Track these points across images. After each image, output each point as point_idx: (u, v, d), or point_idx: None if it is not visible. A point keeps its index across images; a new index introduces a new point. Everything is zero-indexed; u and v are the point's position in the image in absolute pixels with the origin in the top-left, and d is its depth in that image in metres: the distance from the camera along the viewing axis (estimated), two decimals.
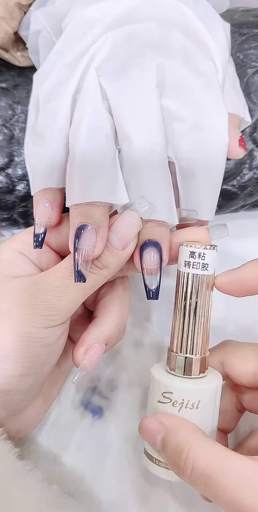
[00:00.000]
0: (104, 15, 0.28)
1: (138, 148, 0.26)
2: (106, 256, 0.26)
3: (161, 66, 0.27)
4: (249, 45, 0.37)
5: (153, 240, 0.26)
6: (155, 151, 0.26)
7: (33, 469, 0.25)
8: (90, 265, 0.25)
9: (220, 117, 0.28)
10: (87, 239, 0.24)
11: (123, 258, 0.26)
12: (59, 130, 0.27)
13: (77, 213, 0.25)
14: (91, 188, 0.25)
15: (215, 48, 0.29)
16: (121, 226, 0.26)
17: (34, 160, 0.29)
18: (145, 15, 0.28)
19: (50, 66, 0.29)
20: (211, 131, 0.28)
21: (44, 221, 0.27)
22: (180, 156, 0.28)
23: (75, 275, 0.24)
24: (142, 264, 0.26)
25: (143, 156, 0.26)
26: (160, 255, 0.26)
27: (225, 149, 0.28)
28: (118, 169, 0.26)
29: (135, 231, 0.26)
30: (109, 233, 0.26)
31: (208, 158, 0.28)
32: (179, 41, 0.28)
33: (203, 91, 0.28)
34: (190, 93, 0.28)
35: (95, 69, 0.27)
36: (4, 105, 0.35)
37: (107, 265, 0.26)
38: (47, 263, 0.29)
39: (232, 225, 0.28)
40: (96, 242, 0.25)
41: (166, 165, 0.27)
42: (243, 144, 0.29)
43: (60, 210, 0.28)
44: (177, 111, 0.27)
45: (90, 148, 0.26)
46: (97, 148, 0.26)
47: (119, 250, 0.26)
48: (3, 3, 0.31)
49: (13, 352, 0.25)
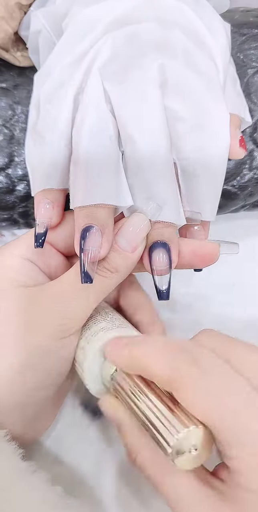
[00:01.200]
0: (105, 15, 0.28)
1: (142, 149, 0.26)
2: (116, 259, 0.26)
3: (163, 66, 0.27)
4: (249, 46, 0.37)
5: (162, 241, 0.26)
6: (159, 151, 0.26)
7: (37, 470, 0.25)
8: (103, 270, 0.26)
9: (222, 117, 0.28)
10: (93, 240, 0.24)
11: (133, 260, 0.26)
12: (60, 131, 0.27)
13: (82, 215, 0.25)
14: (96, 190, 0.25)
15: (216, 49, 0.29)
16: (129, 229, 0.26)
17: (35, 160, 0.29)
18: (145, 15, 0.28)
19: (51, 66, 0.29)
20: (213, 132, 0.28)
21: (45, 221, 0.27)
22: (181, 156, 0.28)
23: (82, 276, 0.24)
24: (151, 265, 0.26)
25: (147, 157, 0.26)
26: (169, 255, 0.26)
27: (227, 149, 0.28)
28: (122, 171, 0.26)
29: (144, 233, 0.26)
30: (118, 237, 0.26)
31: (209, 159, 0.28)
32: (180, 42, 0.28)
33: (204, 91, 0.28)
34: (192, 94, 0.28)
35: (98, 69, 0.27)
36: (4, 105, 0.35)
37: (118, 268, 0.26)
38: (56, 269, 0.29)
39: (232, 225, 0.28)
40: (102, 243, 0.25)
41: (171, 166, 0.27)
42: (243, 145, 0.29)
43: (62, 210, 0.28)
44: (178, 111, 0.27)
45: (93, 149, 0.26)
46: (101, 149, 0.26)
47: (129, 253, 0.26)
48: (3, 3, 0.31)
49: (29, 366, 0.25)
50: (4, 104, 0.35)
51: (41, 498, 0.24)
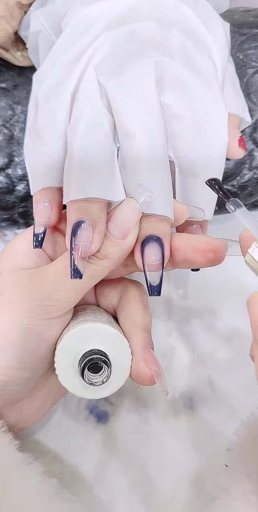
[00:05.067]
0: (104, 15, 0.28)
1: (138, 144, 0.26)
2: (106, 246, 0.25)
3: (160, 63, 0.27)
4: (249, 45, 0.37)
5: (155, 235, 0.25)
6: (156, 146, 0.26)
7: (32, 462, 0.25)
8: (92, 257, 0.25)
9: (219, 115, 0.28)
10: (84, 236, 0.24)
11: (124, 248, 0.25)
12: (58, 129, 0.27)
13: (74, 209, 0.25)
14: (88, 184, 0.25)
15: (214, 47, 0.29)
16: (120, 214, 0.25)
17: (33, 159, 0.29)
18: (144, 14, 0.28)
19: (49, 66, 0.29)
20: (210, 130, 0.28)
21: (43, 221, 0.27)
22: (179, 155, 0.28)
23: (71, 272, 0.24)
24: (143, 260, 0.25)
25: (143, 152, 0.26)
26: (162, 250, 0.25)
27: (225, 147, 0.28)
28: (117, 167, 0.26)
29: (135, 219, 0.25)
30: (109, 223, 0.25)
31: (207, 157, 0.28)
32: (179, 40, 0.28)
33: (202, 89, 0.28)
34: (189, 92, 0.28)
35: (94, 67, 0.27)
36: (4, 105, 0.35)
37: (107, 255, 0.25)
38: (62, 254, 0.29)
39: (232, 225, 0.27)
40: (93, 239, 0.24)
41: (167, 161, 0.27)
42: (243, 144, 0.29)
43: (60, 209, 0.28)
44: (176, 109, 0.27)
45: (87, 144, 0.26)
46: (95, 145, 0.26)
47: (120, 240, 0.25)
48: (3, 2, 0.31)
49: (12, 344, 0.25)
50: (4, 104, 0.35)
51: (36, 488, 0.24)
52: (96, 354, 0.26)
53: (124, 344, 0.27)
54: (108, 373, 0.26)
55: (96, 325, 0.26)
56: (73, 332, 0.26)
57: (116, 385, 0.27)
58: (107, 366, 0.26)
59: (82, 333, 0.26)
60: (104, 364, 0.26)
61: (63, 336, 0.26)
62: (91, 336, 0.26)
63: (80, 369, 0.26)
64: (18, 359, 0.26)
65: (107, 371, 0.26)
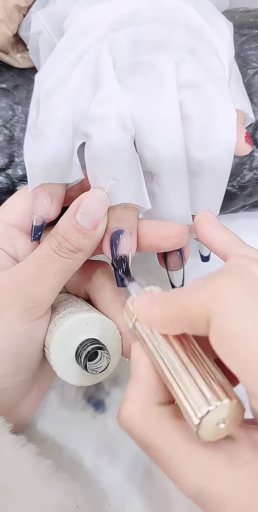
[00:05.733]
0: (107, 16, 0.28)
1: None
2: (79, 239, 0.25)
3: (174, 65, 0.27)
4: (249, 46, 0.37)
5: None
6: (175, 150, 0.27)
7: (26, 444, 0.25)
8: (66, 251, 0.26)
9: (229, 115, 0.28)
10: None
11: (96, 238, 0.26)
12: (59, 125, 0.27)
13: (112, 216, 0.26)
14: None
15: (220, 46, 0.29)
16: (89, 206, 0.25)
17: (33, 155, 0.28)
18: (148, 15, 0.28)
19: (51, 65, 0.28)
20: (220, 130, 0.27)
21: (42, 215, 0.27)
22: (188, 156, 0.28)
23: (118, 282, 0.27)
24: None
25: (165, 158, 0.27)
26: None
27: (233, 147, 0.28)
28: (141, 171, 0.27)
29: (104, 209, 0.26)
30: (79, 215, 0.25)
31: (216, 157, 0.28)
32: (185, 40, 0.28)
33: (212, 88, 0.28)
34: (200, 91, 0.27)
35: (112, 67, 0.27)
36: (4, 105, 0.35)
37: (81, 248, 0.26)
38: (23, 251, 0.29)
39: (232, 225, 0.27)
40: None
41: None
42: (249, 141, 0.29)
43: (60, 205, 0.28)
44: (185, 109, 0.27)
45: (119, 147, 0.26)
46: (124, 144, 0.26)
47: (91, 231, 0.25)
48: (2, 5, 0.31)
49: (5, 352, 0.26)
50: (4, 104, 0.35)
51: (31, 469, 0.24)
52: (92, 344, 0.26)
53: (112, 326, 0.28)
54: (108, 358, 0.27)
55: (83, 315, 0.27)
56: (63, 329, 0.27)
57: (112, 366, 0.28)
58: (104, 351, 0.26)
59: (73, 326, 0.27)
60: (102, 350, 0.26)
61: (54, 334, 0.27)
62: (82, 327, 0.27)
63: (82, 363, 0.26)
64: (13, 365, 0.26)
65: (106, 355, 0.27)
